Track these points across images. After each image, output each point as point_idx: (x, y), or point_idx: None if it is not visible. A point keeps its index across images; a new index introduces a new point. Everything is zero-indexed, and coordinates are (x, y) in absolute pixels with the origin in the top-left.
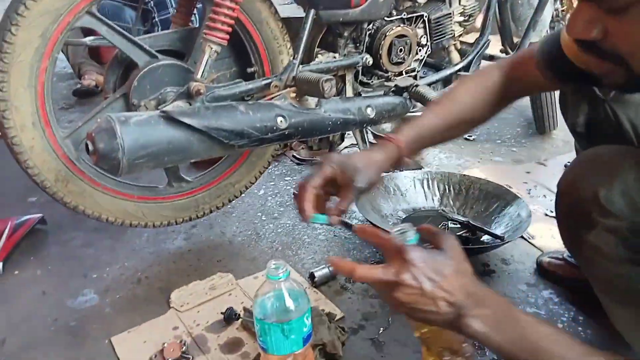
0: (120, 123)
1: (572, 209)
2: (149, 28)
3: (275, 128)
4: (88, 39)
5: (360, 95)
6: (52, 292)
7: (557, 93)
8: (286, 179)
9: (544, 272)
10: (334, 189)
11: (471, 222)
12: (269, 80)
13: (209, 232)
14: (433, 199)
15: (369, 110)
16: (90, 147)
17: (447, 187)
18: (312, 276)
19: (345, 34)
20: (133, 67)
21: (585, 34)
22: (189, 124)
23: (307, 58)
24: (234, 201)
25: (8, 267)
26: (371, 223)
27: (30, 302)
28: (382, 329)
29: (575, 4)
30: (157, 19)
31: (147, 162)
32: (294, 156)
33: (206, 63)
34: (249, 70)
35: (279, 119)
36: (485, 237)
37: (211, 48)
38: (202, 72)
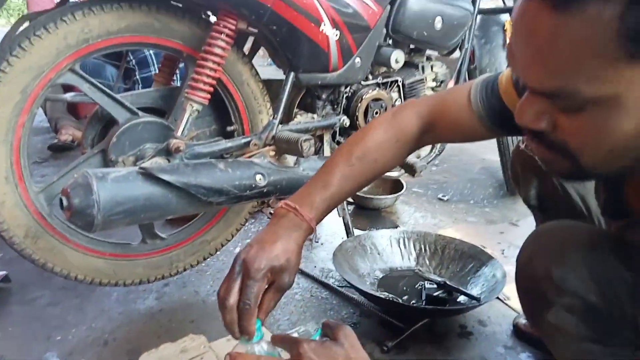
0: (97, 179)
1: (529, 287)
2: (130, 86)
3: (254, 186)
4: (68, 95)
5: None
6: (12, 357)
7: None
8: None
9: (521, 334)
10: None
11: (447, 282)
12: (249, 139)
13: (182, 291)
14: (409, 258)
15: None
16: (65, 203)
17: (423, 246)
18: None
19: (324, 96)
20: (113, 124)
21: (534, 124)
22: (167, 181)
23: (287, 118)
24: (209, 259)
25: None
26: (349, 283)
27: None
28: None
29: None
30: (138, 77)
31: (123, 219)
32: (270, 213)
33: (187, 121)
34: (229, 128)
35: (258, 176)
36: (461, 298)
37: (192, 107)
38: (183, 130)
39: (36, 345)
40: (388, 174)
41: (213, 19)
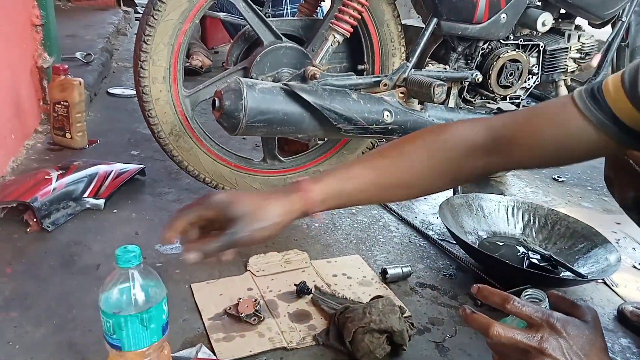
0: (247, 86)
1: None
2: None
3: (380, 121)
4: (222, 14)
5: (463, 109)
6: (143, 234)
7: None
8: None
9: (625, 320)
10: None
11: (553, 256)
12: (380, 79)
13: None
14: (515, 227)
15: None
16: (217, 104)
17: (532, 218)
18: (384, 272)
19: (460, 48)
20: (256, 45)
21: None
22: (306, 100)
23: (418, 65)
24: None
25: (109, 205)
26: (452, 234)
27: (124, 238)
28: (448, 335)
29: None
30: (270, 13)
31: (262, 127)
32: None
33: (327, 50)
34: (359, 67)
35: (386, 113)
36: (565, 274)
37: (334, 37)
38: (321, 58)
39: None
40: None
41: None
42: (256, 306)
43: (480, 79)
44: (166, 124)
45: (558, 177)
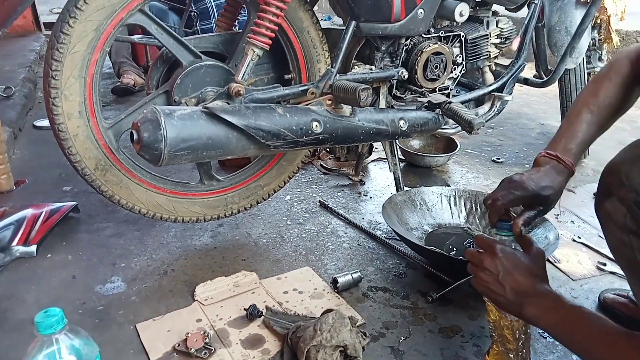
0: (165, 115)
1: (601, 180)
2: (190, 34)
3: (310, 132)
4: (136, 37)
5: (394, 108)
6: (81, 277)
7: None
8: (312, 187)
9: (606, 309)
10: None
11: None
12: (306, 87)
13: (235, 232)
14: (459, 216)
15: (401, 123)
16: (135, 136)
17: (474, 205)
18: (335, 281)
19: (383, 47)
20: (177, 66)
21: None
22: (229, 121)
23: (344, 69)
24: (261, 204)
25: (41, 250)
26: (397, 234)
27: (61, 285)
28: (402, 338)
29: (613, 33)
30: (198, 27)
31: (186, 155)
32: (321, 165)
33: (248, 65)
34: (286, 76)
35: (314, 123)
36: None
37: (254, 51)
38: (243, 74)
39: (103, 269)
40: (442, 130)
41: None
42: (205, 339)
43: (407, 76)
44: (90, 159)
45: (497, 158)
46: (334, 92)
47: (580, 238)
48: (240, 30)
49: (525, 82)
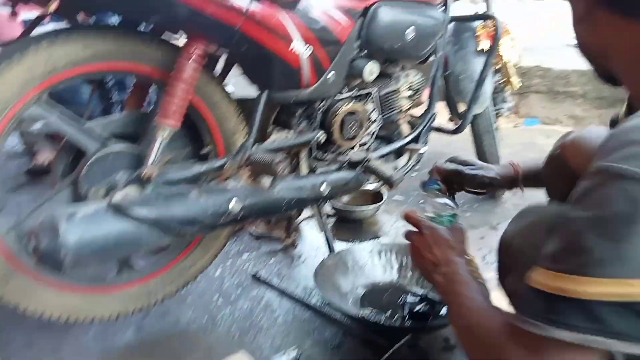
0: (64, 220)
1: (498, 258)
2: (107, 105)
3: (228, 212)
4: (37, 125)
5: (315, 169)
6: None
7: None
8: (243, 256)
9: None
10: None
11: (429, 296)
12: (223, 162)
13: (162, 322)
14: (391, 271)
15: (323, 187)
16: (32, 246)
17: (404, 258)
18: None
19: (298, 112)
20: (83, 154)
21: None
22: (138, 216)
23: (262, 136)
24: (189, 285)
25: None
26: (331, 304)
27: None
28: None
29: (512, 77)
30: (115, 100)
31: (93, 258)
32: (250, 232)
33: (158, 148)
34: (203, 150)
35: (232, 202)
36: (444, 310)
37: (164, 133)
38: (154, 157)
39: None
40: (365, 188)
41: (183, 40)
42: None
43: (325, 138)
44: None
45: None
46: (252, 165)
47: None
48: (151, 109)
49: (439, 130)
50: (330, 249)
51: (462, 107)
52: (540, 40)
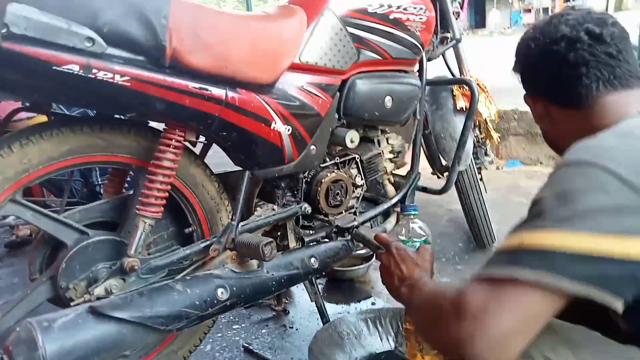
0: (42, 330)
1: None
2: (92, 188)
3: (216, 301)
4: (10, 220)
5: (303, 240)
6: None
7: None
8: (234, 327)
9: None
10: None
11: None
12: (208, 243)
13: None
14: (389, 339)
15: (312, 261)
16: None
17: (399, 323)
18: None
19: (283, 184)
20: (61, 246)
21: None
22: (121, 318)
23: (247, 211)
24: None
25: None
26: None
27: None
28: None
29: (492, 131)
30: (98, 182)
31: None
32: None
33: (140, 237)
34: (187, 230)
35: (220, 290)
36: None
37: (145, 222)
38: (136, 247)
39: None
40: (355, 253)
41: (161, 126)
42: None
43: (310, 210)
44: None
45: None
46: (237, 248)
47: None
48: (131, 193)
49: (424, 190)
50: (323, 316)
51: (444, 161)
52: (514, 80)
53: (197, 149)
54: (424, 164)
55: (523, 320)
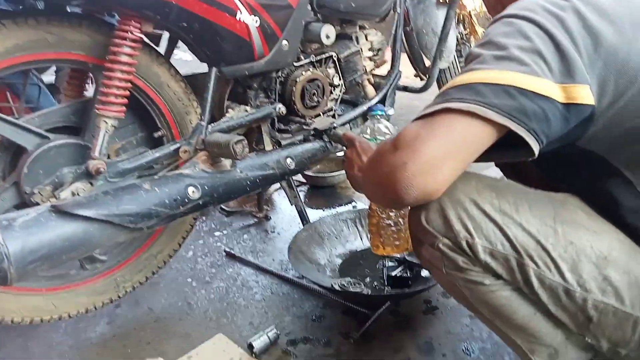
0: (2, 228)
1: (410, 231)
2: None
3: (187, 200)
4: None
5: (280, 143)
6: None
7: None
8: (216, 234)
9: None
10: None
11: (407, 258)
12: (177, 146)
13: (134, 311)
14: (369, 237)
15: (288, 162)
16: None
17: None
18: (250, 346)
19: (255, 85)
20: (22, 151)
21: None
22: (85, 216)
23: (218, 114)
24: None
25: None
26: (309, 279)
27: None
28: None
29: (476, 26)
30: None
31: (41, 265)
32: (222, 208)
33: (103, 139)
34: (156, 134)
35: (190, 189)
36: (425, 272)
37: (107, 123)
38: (100, 149)
39: None
40: (335, 155)
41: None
42: None
43: (285, 111)
44: None
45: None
46: (208, 148)
47: None
48: (92, 96)
49: (405, 89)
50: (303, 219)
51: (427, 62)
52: None
53: (162, 50)
54: (405, 64)
55: (453, 145)
